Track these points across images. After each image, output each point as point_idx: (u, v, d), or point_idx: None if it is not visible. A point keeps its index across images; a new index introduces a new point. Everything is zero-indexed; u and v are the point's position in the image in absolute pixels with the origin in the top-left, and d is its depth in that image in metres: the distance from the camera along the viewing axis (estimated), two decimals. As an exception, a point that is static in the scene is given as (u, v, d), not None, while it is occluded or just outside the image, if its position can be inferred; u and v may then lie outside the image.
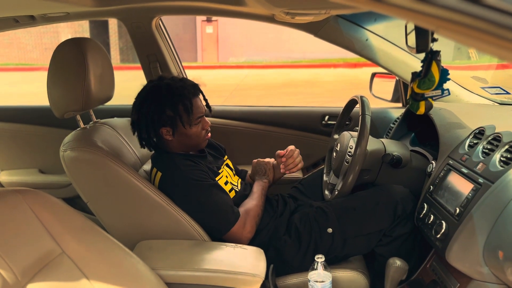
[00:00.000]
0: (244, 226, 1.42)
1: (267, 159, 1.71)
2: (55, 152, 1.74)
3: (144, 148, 1.53)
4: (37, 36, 13.79)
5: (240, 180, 1.68)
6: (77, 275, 1.01)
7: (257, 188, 1.59)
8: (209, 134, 1.57)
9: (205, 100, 1.56)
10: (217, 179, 1.52)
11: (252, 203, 1.50)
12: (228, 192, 1.51)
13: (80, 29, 13.09)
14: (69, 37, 1.43)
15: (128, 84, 1.72)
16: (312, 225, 1.45)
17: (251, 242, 1.44)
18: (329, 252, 1.41)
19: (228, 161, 1.72)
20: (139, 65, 2.00)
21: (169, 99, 1.43)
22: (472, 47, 0.41)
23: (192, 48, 15.29)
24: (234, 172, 1.71)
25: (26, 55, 14.12)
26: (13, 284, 0.88)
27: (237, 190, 1.59)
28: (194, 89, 1.49)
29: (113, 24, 13.25)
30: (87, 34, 13.13)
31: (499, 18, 0.34)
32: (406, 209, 1.40)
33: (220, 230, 1.40)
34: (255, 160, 1.72)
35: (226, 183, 1.55)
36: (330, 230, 1.42)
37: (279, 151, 1.69)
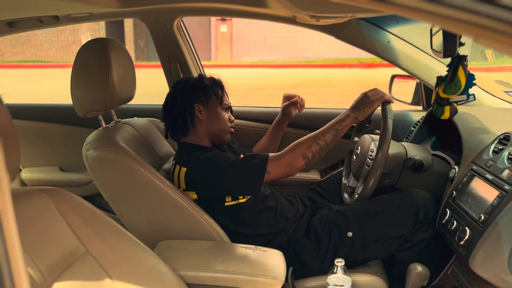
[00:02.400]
0: (281, 157, 1.38)
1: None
2: (76, 150, 1.75)
3: (168, 138, 1.58)
4: (54, 33, 13.96)
5: None
6: (100, 275, 1.02)
7: (335, 121, 1.43)
8: (233, 129, 1.60)
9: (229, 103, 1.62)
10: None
11: (312, 134, 1.42)
12: None
13: (97, 26, 13.22)
14: (88, 34, 1.45)
15: (143, 82, 1.75)
16: (332, 228, 1.44)
17: (269, 244, 1.43)
18: (348, 256, 1.40)
19: None
20: (154, 63, 2.01)
21: (205, 77, 1.57)
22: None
23: (206, 47, 15.35)
24: None
25: (43, 53, 14.32)
26: (40, 282, 0.89)
27: None
28: (223, 84, 1.61)
29: (128, 22, 13.36)
30: (103, 32, 13.26)
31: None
32: (428, 214, 1.39)
33: (258, 173, 1.36)
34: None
35: None
36: (350, 234, 1.41)
37: (287, 93, 1.93)
